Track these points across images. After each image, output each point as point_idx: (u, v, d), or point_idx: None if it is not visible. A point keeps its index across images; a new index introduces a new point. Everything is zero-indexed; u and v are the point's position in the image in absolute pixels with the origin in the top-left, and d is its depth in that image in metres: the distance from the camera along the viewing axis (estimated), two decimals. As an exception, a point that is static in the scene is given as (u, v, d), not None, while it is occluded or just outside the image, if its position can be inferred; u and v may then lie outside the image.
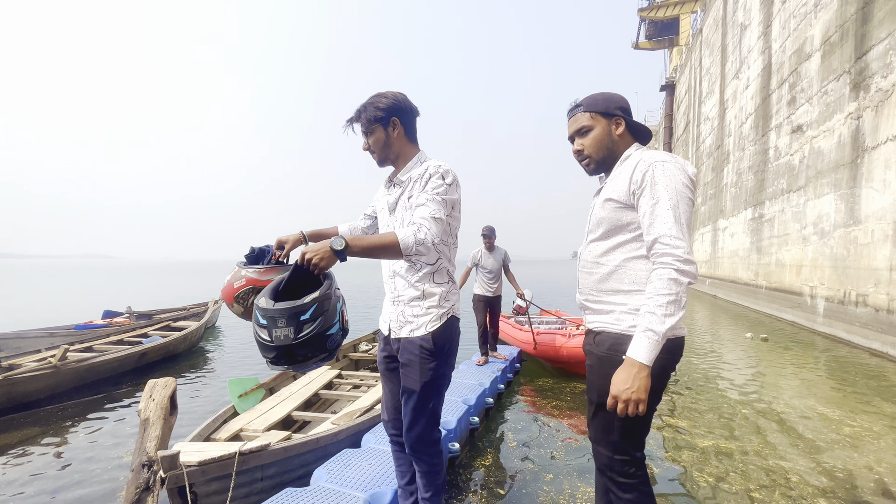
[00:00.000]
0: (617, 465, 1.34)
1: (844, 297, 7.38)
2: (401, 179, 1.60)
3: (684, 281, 1.19)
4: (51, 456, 3.13)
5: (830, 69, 8.05)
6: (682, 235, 1.22)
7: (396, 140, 1.59)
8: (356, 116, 1.59)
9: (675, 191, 1.25)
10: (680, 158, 1.32)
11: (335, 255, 1.31)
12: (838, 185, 7.67)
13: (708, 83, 17.33)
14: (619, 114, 1.41)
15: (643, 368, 1.17)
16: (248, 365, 5.95)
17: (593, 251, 1.42)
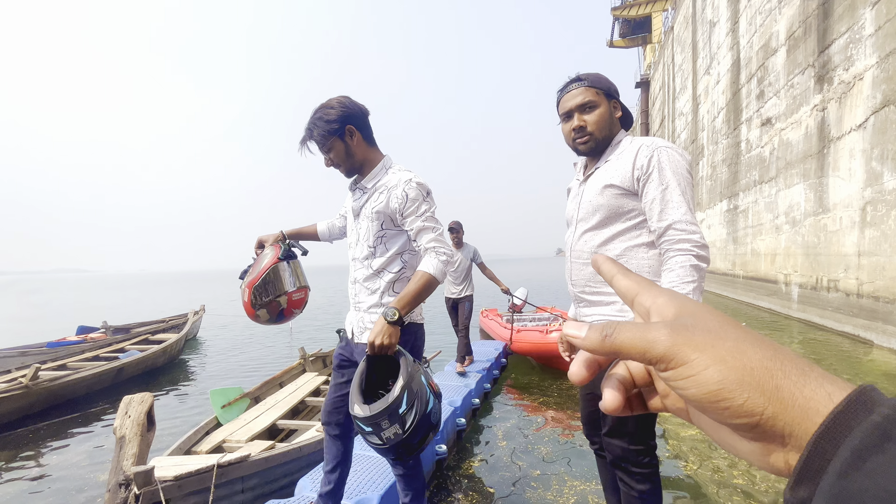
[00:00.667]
0: (633, 456, 1.33)
1: (817, 283, 7.63)
2: (366, 186, 1.57)
3: (703, 266, 1.18)
4: (24, 480, 3.00)
5: (795, 63, 8.33)
6: (696, 221, 1.21)
7: (357, 148, 1.54)
8: (308, 135, 1.53)
9: (682, 176, 1.23)
10: (676, 145, 1.31)
11: (396, 327, 1.38)
12: (807, 174, 7.93)
13: (681, 79, 17.74)
14: (617, 97, 1.40)
15: None
16: (232, 375, 5.83)
17: (589, 241, 1.36)
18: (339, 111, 1.49)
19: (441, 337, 8.04)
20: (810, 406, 0.20)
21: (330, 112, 1.49)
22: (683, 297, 0.26)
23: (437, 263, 1.44)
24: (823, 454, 0.18)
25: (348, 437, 1.72)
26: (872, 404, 0.19)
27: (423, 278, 1.43)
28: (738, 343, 0.22)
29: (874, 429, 0.18)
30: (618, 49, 30.80)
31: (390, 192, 1.50)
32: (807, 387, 0.20)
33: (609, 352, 0.24)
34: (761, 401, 0.20)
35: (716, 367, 0.21)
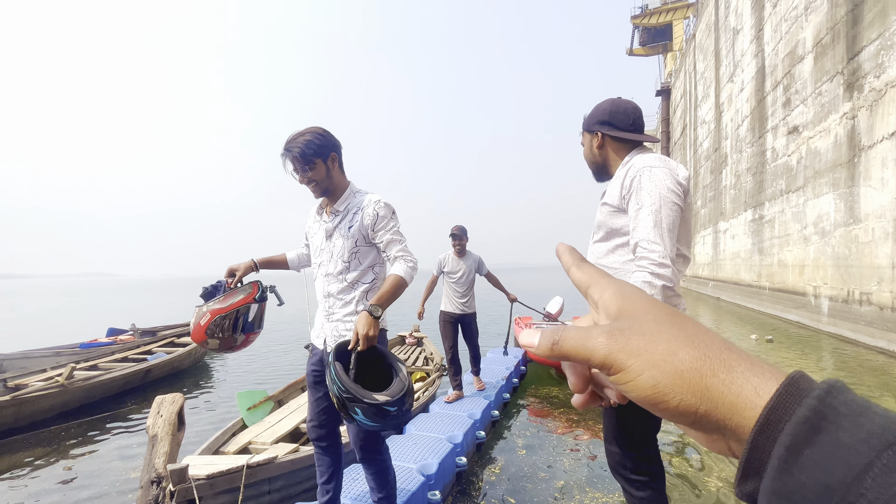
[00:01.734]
0: (630, 463, 1.36)
1: (848, 295, 7.36)
2: (338, 209, 1.74)
3: (658, 283, 1.23)
4: (59, 474, 3.12)
5: (823, 70, 8.14)
6: (660, 240, 1.25)
7: (334, 173, 1.72)
8: (297, 151, 1.66)
9: (659, 196, 1.29)
10: (672, 162, 1.36)
11: (378, 322, 1.54)
12: (836, 184, 7.70)
13: (703, 87, 17.48)
14: (595, 128, 1.50)
15: None
16: (253, 379, 5.95)
17: (596, 252, 1.48)
18: (329, 139, 1.70)
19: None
20: (738, 402, 0.22)
21: (319, 137, 1.68)
22: (629, 290, 0.27)
23: (406, 268, 1.65)
24: (762, 450, 0.20)
25: (336, 448, 1.84)
26: (801, 395, 0.20)
27: (395, 280, 1.62)
28: (670, 345, 0.23)
29: (804, 423, 0.19)
30: (637, 57, 30.57)
31: (362, 211, 1.69)
32: (734, 384, 0.22)
33: (559, 357, 0.26)
34: (693, 401, 0.22)
35: (649, 372, 0.23)
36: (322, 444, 1.81)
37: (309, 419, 1.82)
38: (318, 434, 1.80)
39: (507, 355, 5.50)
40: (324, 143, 1.67)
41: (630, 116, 1.47)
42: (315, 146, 1.65)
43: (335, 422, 1.83)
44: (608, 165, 1.51)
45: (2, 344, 8.23)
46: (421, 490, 2.26)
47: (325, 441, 1.80)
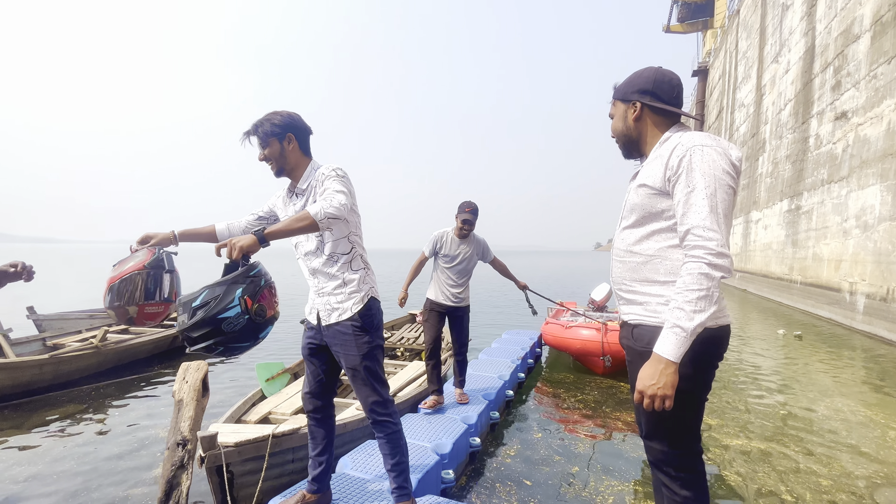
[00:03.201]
0: (674, 460, 1.30)
1: (888, 294, 7.00)
2: (301, 188, 1.77)
3: (716, 276, 1.13)
4: (93, 430, 3.30)
5: (881, 51, 7.54)
6: (717, 227, 1.14)
7: (291, 153, 1.74)
8: (253, 130, 1.73)
9: (714, 177, 1.16)
10: (724, 141, 1.23)
11: (257, 242, 1.45)
12: (885, 175, 7.23)
13: (744, 68, 16.53)
14: (634, 98, 1.35)
15: (669, 365, 1.13)
16: (274, 350, 6.11)
17: (626, 239, 1.36)
18: (286, 119, 1.73)
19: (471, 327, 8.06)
20: None
21: (277, 118, 1.72)
22: None
23: (318, 208, 1.51)
24: None
25: (331, 419, 1.89)
26: None
27: (301, 217, 1.50)
28: None
29: None
30: (675, 35, 29.05)
31: (319, 182, 1.71)
32: None
33: None
34: None
35: None
36: (316, 416, 1.86)
37: (305, 390, 1.88)
38: (313, 405, 1.85)
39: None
40: (282, 125, 1.71)
41: (675, 89, 1.34)
42: (273, 126, 1.70)
43: (330, 394, 1.88)
44: (642, 141, 1.37)
45: (43, 305, 8.67)
46: (435, 468, 2.28)
47: (320, 413, 1.86)
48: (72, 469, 2.71)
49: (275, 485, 2.19)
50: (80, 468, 2.72)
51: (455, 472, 2.46)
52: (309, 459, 1.88)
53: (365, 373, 1.72)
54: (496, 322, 8.62)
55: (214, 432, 1.98)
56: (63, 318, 6.30)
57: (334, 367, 1.85)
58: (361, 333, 1.72)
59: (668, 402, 1.14)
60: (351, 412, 2.80)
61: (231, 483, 2.01)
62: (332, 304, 1.74)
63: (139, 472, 2.68)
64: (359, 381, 1.74)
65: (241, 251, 1.43)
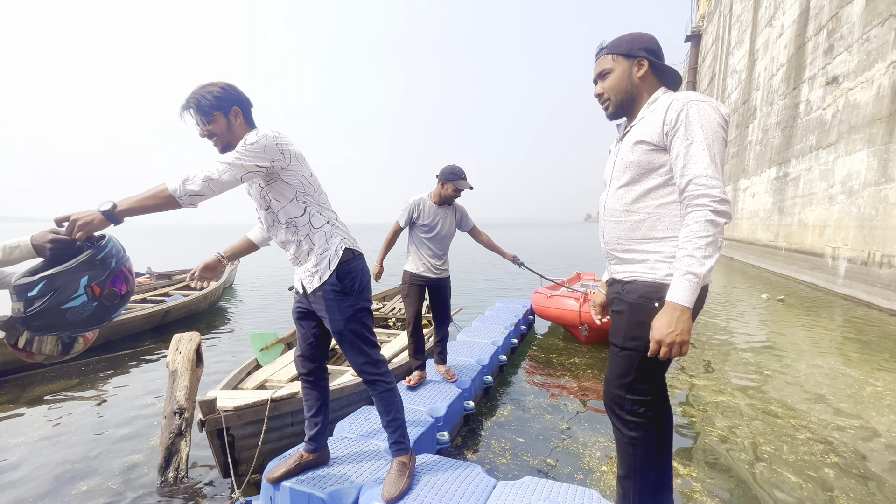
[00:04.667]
0: (627, 404, 1.38)
1: (868, 257, 7.19)
2: None
3: (721, 221, 1.17)
4: (88, 403, 3.31)
5: (875, 13, 7.44)
6: (718, 175, 1.19)
7: (238, 127, 1.65)
8: (194, 104, 1.59)
9: (711, 130, 1.21)
10: (713, 99, 1.26)
11: (105, 218, 1.31)
12: (872, 140, 7.29)
13: (738, 32, 16.25)
14: (642, 55, 1.36)
15: (685, 311, 1.18)
16: (267, 322, 6.13)
17: (621, 199, 1.37)
18: (229, 91, 1.62)
19: (464, 295, 8.13)
20: None
21: (219, 90, 1.60)
22: None
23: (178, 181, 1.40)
24: None
25: (324, 381, 1.90)
26: None
27: (157, 190, 1.38)
28: None
29: None
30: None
31: None
32: None
33: None
34: None
35: None
36: (309, 379, 1.87)
37: (297, 353, 1.88)
38: (306, 368, 1.86)
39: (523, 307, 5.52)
40: (224, 97, 1.60)
41: (661, 50, 1.40)
42: (214, 98, 1.58)
43: (322, 357, 1.89)
44: (638, 100, 1.38)
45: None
46: (430, 431, 2.34)
47: (312, 376, 1.87)
48: (69, 440, 2.73)
49: (275, 447, 2.24)
50: (77, 438, 2.74)
51: (450, 434, 2.53)
52: (305, 421, 1.91)
53: (351, 336, 1.72)
54: (490, 290, 8.71)
55: (213, 397, 1.99)
56: (50, 295, 6.21)
57: (325, 331, 1.85)
58: (343, 297, 1.70)
59: (684, 348, 1.19)
60: (347, 377, 2.84)
61: (232, 446, 2.05)
62: (310, 268, 1.72)
63: (137, 440, 2.71)
64: (346, 345, 1.74)
65: (85, 232, 1.28)
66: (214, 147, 1.68)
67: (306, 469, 1.86)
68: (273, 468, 1.85)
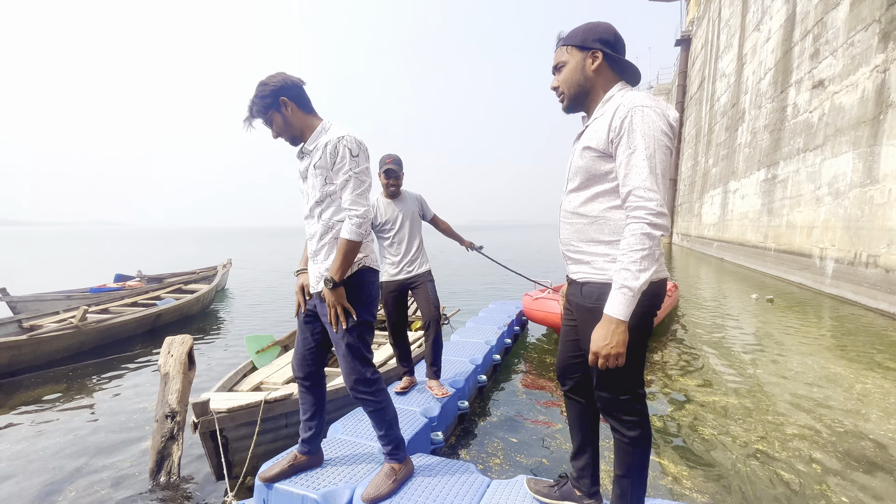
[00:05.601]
0: (622, 405, 1.39)
1: (855, 258, 7.32)
2: (308, 149, 1.71)
3: (656, 234, 1.19)
4: (77, 408, 3.27)
5: (859, 18, 7.60)
6: (656, 187, 1.19)
7: (294, 117, 1.68)
8: (250, 113, 1.68)
9: (653, 139, 1.20)
10: (662, 102, 1.25)
11: (335, 292, 1.62)
12: (858, 143, 7.43)
13: (726, 36, 16.49)
14: (596, 46, 1.31)
15: (620, 324, 1.20)
16: (261, 325, 6.10)
17: (572, 201, 1.39)
18: (273, 85, 1.64)
19: (458, 298, 8.15)
20: None
21: (265, 88, 1.64)
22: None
23: (350, 227, 1.61)
24: None
25: (321, 386, 1.89)
26: None
27: (342, 247, 1.62)
28: None
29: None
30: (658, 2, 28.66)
31: (325, 148, 1.65)
32: None
33: None
34: None
35: None
36: (306, 384, 1.86)
37: (295, 357, 1.87)
38: (303, 372, 1.85)
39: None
40: (269, 93, 1.63)
41: (625, 48, 1.34)
42: (261, 100, 1.64)
43: (320, 364, 1.88)
44: (591, 95, 1.36)
45: (14, 287, 8.40)
46: (424, 431, 2.35)
47: (309, 381, 1.86)
48: (57, 445, 2.69)
49: (269, 449, 2.23)
50: (66, 444, 2.71)
51: (444, 434, 2.54)
52: (300, 423, 1.90)
53: (346, 349, 1.69)
54: (483, 293, 8.73)
55: (206, 398, 1.98)
56: (39, 299, 6.13)
57: (326, 340, 1.84)
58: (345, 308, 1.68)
59: (620, 360, 1.23)
60: (340, 380, 2.84)
61: (225, 448, 2.04)
62: (321, 272, 1.72)
63: (128, 445, 2.68)
64: (340, 355, 1.72)
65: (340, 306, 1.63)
66: (287, 143, 1.74)
67: (299, 470, 1.86)
68: (267, 469, 1.84)
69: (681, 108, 24.86)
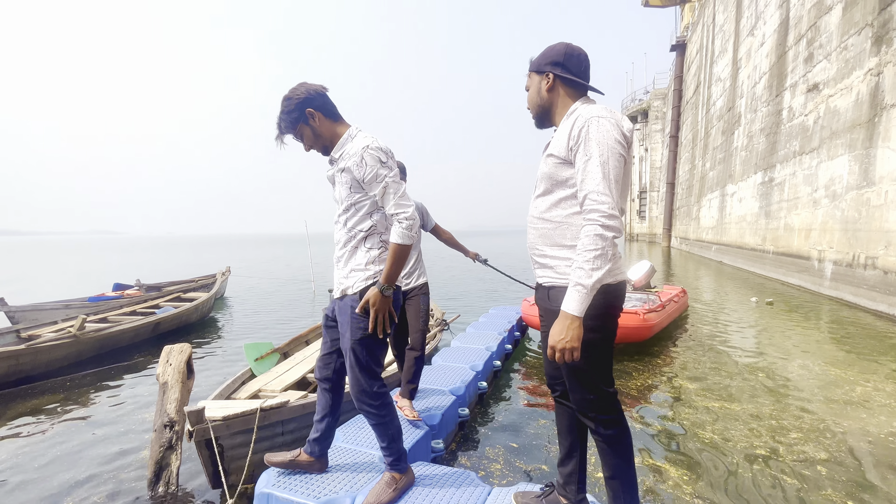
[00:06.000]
0: (594, 405, 1.44)
1: (853, 260, 7.33)
2: (335, 157, 1.72)
3: (608, 235, 1.26)
4: (76, 417, 3.25)
5: (852, 22, 7.68)
6: (609, 192, 1.27)
7: (322, 127, 1.68)
8: (280, 130, 1.69)
9: (607, 146, 1.29)
10: (617, 113, 1.36)
11: (387, 298, 1.65)
12: (853, 145, 7.48)
13: (721, 41, 16.64)
14: (547, 69, 1.45)
15: (574, 320, 1.27)
16: (260, 332, 6.08)
17: (538, 207, 1.48)
18: (298, 98, 1.64)
19: (458, 303, 8.14)
20: None
21: (289, 103, 1.64)
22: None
23: (400, 231, 1.62)
24: None
25: (338, 391, 1.90)
26: None
27: (393, 251, 1.63)
28: None
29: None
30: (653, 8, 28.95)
31: (351, 158, 1.65)
32: None
33: None
34: None
35: None
36: (325, 385, 1.89)
37: (319, 357, 1.90)
38: (322, 375, 1.88)
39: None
40: (294, 108, 1.64)
41: (583, 63, 1.45)
42: (288, 115, 1.64)
43: (341, 368, 1.87)
44: (553, 112, 1.48)
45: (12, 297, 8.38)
46: (425, 439, 2.33)
47: (328, 383, 1.88)
48: (55, 455, 2.67)
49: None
50: (64, 454, 2.69)
51: (445, 442, 2.52)
52: (314, 423, 1.92)
53: (353, 358, 1.69)
54: (484, 298, 8.73)
55: (201, 407, 1.98)
56: (37, 308, 6.12)
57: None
58: (360, 317, 1.67)
59: (575, 354, 1.28)
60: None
61: (221, 456, 2.03)
62: (340, 278, 1.75)
63: (126, 455, 2.66)
64: (349, 365, 1.72)
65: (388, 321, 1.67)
66: (320, 154, 1.75)
67: (298, 468, 1.88)
68: (274, 454, 1.90)
69: (677, 113, 25.02)
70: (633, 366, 4.14)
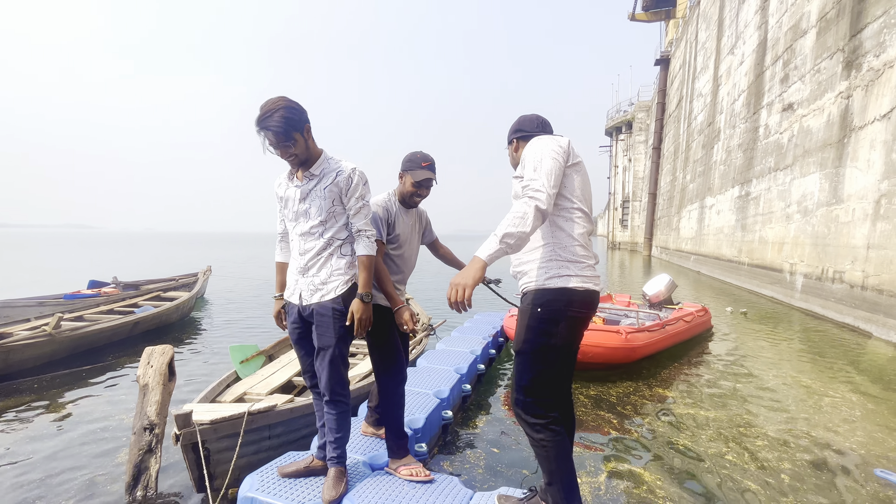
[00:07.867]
0: (529, 407, 1.56)
1: (822, 273, 7.65)
2: (313, 173, 1.82)
3: (531, 203, 1.43)
4: (49, 419, 3.17)
5: (825, 46, 8.05)
6: (537, 176, 1.48)
7: (311, 141, 1.79)
8: (279, 128, 1.66)
9: (539, 151, 1.54)
10: (558, 137, 1.62)
11: (367, 305, 1.78)
12: (824, 164, 7.81)
13: (703, 58, 17.17)
14: (512, 138, 1.82)
15: (477, 261, 1.39)
16: (242, 334, 6.00)
17: None
18: (300, 110, 1.71)
19: (444, 308, 8.18)
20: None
21: (293, 111, 1.68)
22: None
23: (368, 244, 1.81)
24: None
25: None
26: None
27: (366, 262, 1.80)
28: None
29: None
30: (639, 23, 29.68)
31: (338, 175, 1.80)
32: None
33: None
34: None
35: None
36: (317, 391, 1.95)
37: (303, 371, 1.96)
38: (312, 382, 1.96)
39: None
40: (299, 117, 1.70)
41: (534, 122, 1.79)
42: (292, 121, 1.67)
43: None
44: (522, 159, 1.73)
45: (-20, 293, 8.06)
46: (408, 443, 2.36)
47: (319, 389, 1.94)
48: (27, 459, 2.61)
49: (252, 461, 2.21)
50: (37, 458, 2.62)
51: (428, 445, 2.56)
52: (318, 428, 1.99)
53: (334, 354, 1.79)
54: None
55: (189, 410, 1.98)
56: (9, 305, 5.91)
57: None
58: (340, 318, 1.79)
59: (466, 293, 1.37)
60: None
61: (207, 460, 2.02)
62: (316, 284, 1.81)
63: (103, 458, 2.62)
64: (326, 361, 1.80)
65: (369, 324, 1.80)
66: (290, 165, 1.81)
67: (314, 474, 1.95)
68: (285, 465, 1.96)
69: (660, 125, 25.65)
70: (606, 373, 4.25)
